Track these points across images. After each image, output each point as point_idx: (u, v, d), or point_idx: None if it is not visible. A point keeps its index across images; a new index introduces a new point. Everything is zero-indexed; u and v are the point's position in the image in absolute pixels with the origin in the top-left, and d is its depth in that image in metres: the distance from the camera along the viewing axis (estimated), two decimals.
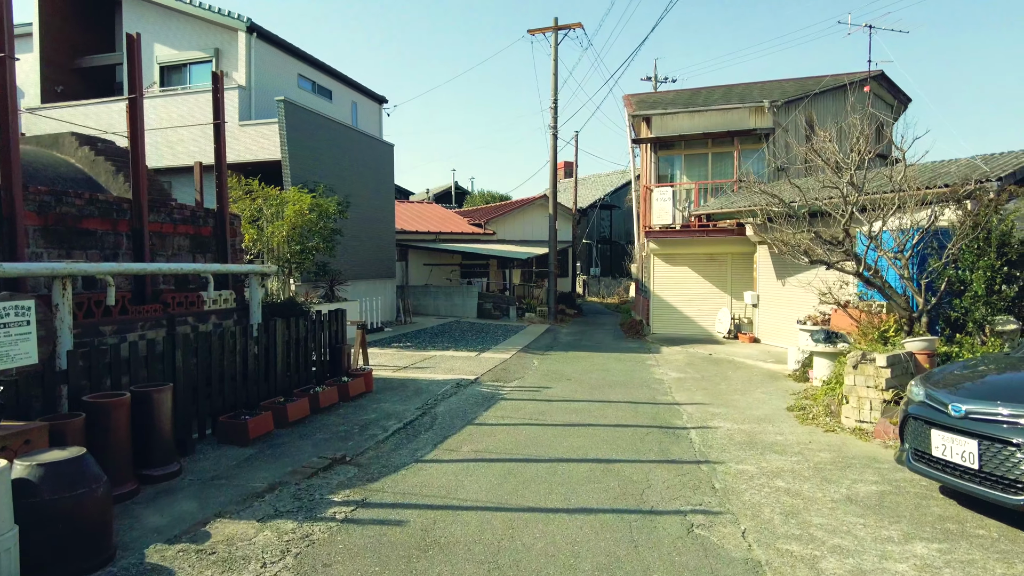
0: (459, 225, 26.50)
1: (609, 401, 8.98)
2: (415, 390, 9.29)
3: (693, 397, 9.42)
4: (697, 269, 17.28)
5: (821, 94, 16.83)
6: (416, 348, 13.83)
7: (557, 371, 11.54)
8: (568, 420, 7.77)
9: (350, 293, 17.07)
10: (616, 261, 38.93)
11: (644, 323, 18.54)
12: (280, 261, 14.34)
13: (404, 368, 11.21)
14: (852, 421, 7.28)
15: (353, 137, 18.17)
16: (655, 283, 17.68)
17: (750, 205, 13.38)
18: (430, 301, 22.39)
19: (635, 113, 18.08)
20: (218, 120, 9.12)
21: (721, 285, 17.09)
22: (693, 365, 12.56)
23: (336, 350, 9.20)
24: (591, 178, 44.83)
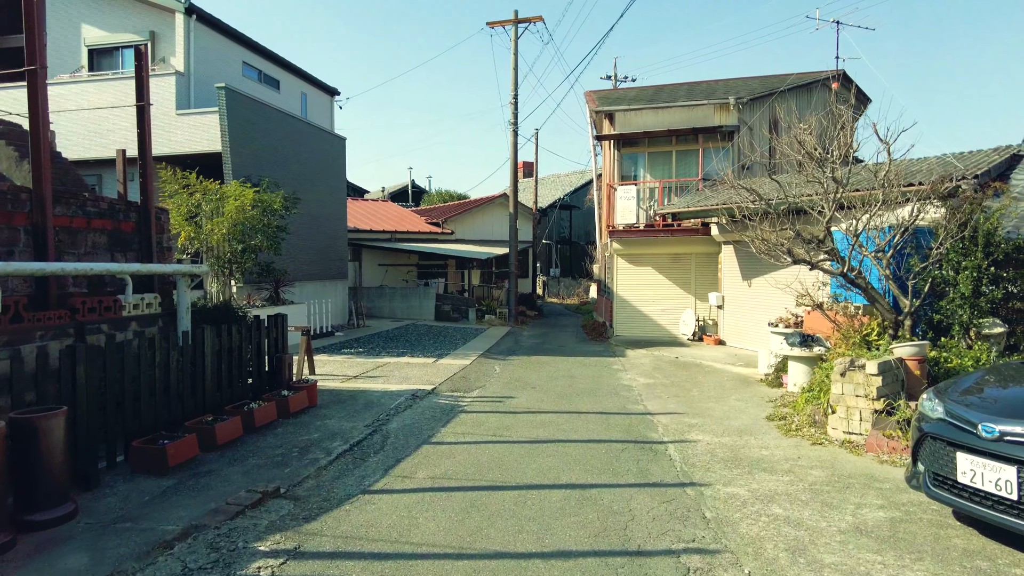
0: (416, 224, 25.56)
1: (578, 412, 8.30)
2: (365, 403, 8.43)
3: (666, 406, 8.84)
4: (661, 270, 16.84)
5: (786, 93, 16.59)
6: (369, 354, 12.92)
7: (521, 378, 10.82)
8: (535, 435, 7.06)
9: (298, 295, 16.01)
10: (576, 262, 38.54)
11: (607, 325, 18.01)
12: (220, 261, 13.24)
13: (354, 378, 10.32)
14: (840, 432, 6.78)
15: (302, 129, 17.11)
16: (618, 284, 17.16)
17: (722, 203, 12.93)
18: (385, 303, 21.42)
19: (598, 109, 17.54)
20: (141, 102, 8.12)
21: (685, 286, 16.69)
22: (661, 370, 12.03)
23: (276, 360, 8.28)
24: (550, 178, 44.37)
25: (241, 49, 17.40)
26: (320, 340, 15.10)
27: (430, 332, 17.28)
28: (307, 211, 16.79)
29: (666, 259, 16.79)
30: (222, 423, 6.43)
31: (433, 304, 21.09)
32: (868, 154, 13.00)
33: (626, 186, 16.44)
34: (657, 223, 16.11)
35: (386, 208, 27.37)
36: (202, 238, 12.99)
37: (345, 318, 18.72)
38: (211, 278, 13.56)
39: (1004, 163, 9.93)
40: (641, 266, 16.99)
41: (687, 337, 16.08)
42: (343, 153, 19.25)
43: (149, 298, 7.48)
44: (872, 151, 21.27)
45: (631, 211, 16.12)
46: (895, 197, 7.64)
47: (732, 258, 15.13)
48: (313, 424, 7.34)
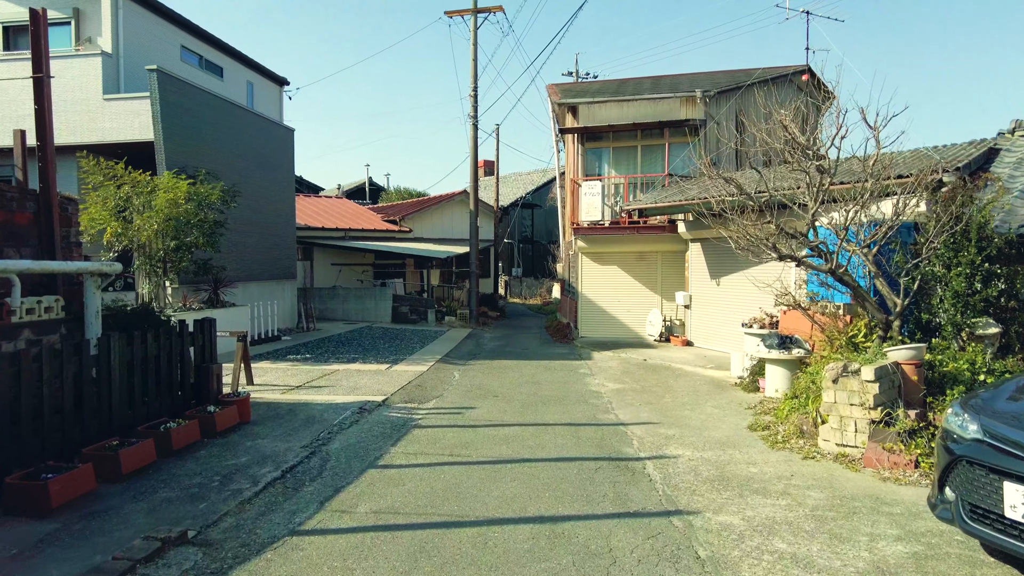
0: (372, 222, 24.48)
1: (545, 424, 7.54)
2: (306, 419, 7.49)
3: (639, 414, 8.15)
4: (627, 269, 16.25)
5: (753, 87, 16.18)
6: (316, 361, 11.93)
7: (482, 385, 10.01)
8: (498, 454, 6.26)
9: (240, 297, 14.86)
10: (538, 261, 37.90)
11: (572, 326, 17.34)
12: (152, 260, 12.06)
13: (297, 388, 9.34)
14: (833, 445, 6.18)
15: (246, 119, 15.94)
16: (583, 283, 16.50)
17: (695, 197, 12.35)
18: (338, 305, 20.32)
19: (561, 101, 16.86)
20: (39, 73, 7.03)
21: (651, 286, 16.13)
22: (630, 374, 11.38)
23: (203, 371, 7.27)
24: (512, 176, 43.66)
25: (179, 32, 16.12)
26: (264, 345, 14.01)
27: (385, 335, 16.32)
28: (251, 206, 15.64)
29: (632, 258, 16.20)
30: (129, 448, 5.44)
31: (390, 305, 20.09)
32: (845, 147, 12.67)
33: (591, 182, 15.79)
34: (623, 220, 15.50)
35: (340, 205, 26.20)
36: (130, 235, 11.80)
37: (294, 321, 17.59)
38: (143, 279, 12.36)
39: (982, 156, 9.58)
40: (606, 265, 16.36)
41: (654, 338, 15.51)
42: (291, 145, 18.11)
43: (48, 301, 6.40)
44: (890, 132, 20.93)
45: (596, 208, 15.47)
46: (885, 188, 7.11)
47: (699, 256, 14.62)
48: (243, 445, 6.39)
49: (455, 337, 16.64)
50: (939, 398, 6.17)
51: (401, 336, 16.22)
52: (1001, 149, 9.99)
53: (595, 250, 16.26)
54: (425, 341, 15.45)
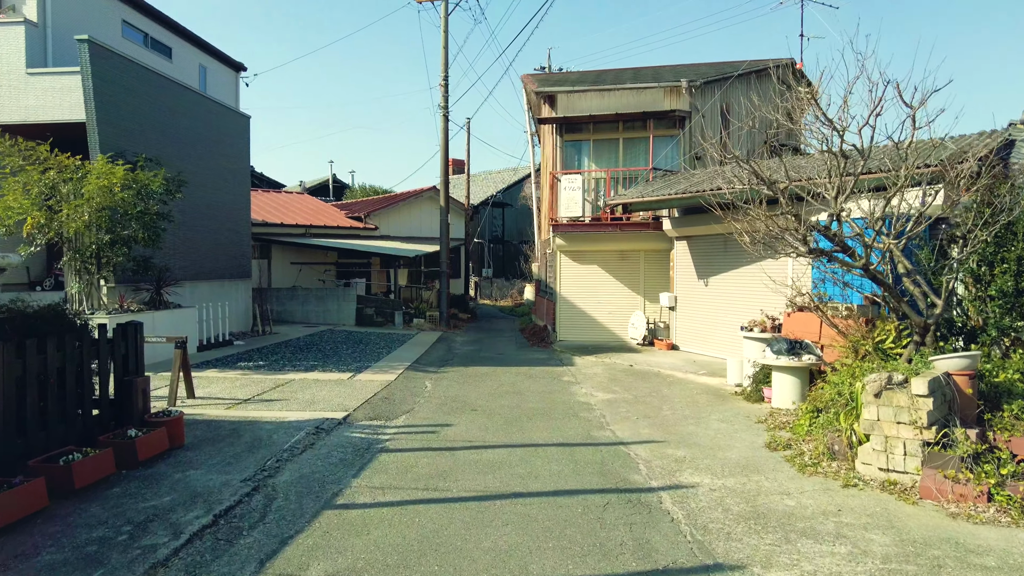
0: (335, 218, 23.14)
1: (534, 444, 6.50)
2: (252, 441, 6.30)
3: (638, 430, 7.18)
4: (608, 269, 15.33)
5: (737, 80, 15.45)
6: (270, 369, 10.67)
7: (458, 397, 8.92)
8: (484, 487, 5.19)
9: (188, 297, 13.48)
10: (509, 262, 36.91)
11: (549, 329, 16.35)
12: (82, 255, 10.66)
13: (245, 402, 8.11)
14: (875, 470, 5.28)
15: (197, 103, 14.53)
16: (562, 284, 15.53)
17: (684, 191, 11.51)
18: (297, 306, 18.96)
19: (539, 90, 15.86)
20: None
21: (634, 286, 15.24)
22: (618, 381, 10.42)
23: (126, 385, 6.03)
24: (482, 175, 42.58)
25: (121, 5, 14.65)
26: (214, 351, 12.65)
27: (349, 339, 15.07)
28: (202, 198, 14.25)
29: (613, 257, 15.29)
30: (7, 491, 4.21)
31: (354, 307, 18.81)
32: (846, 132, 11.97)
33: (571, 175, 14.83)
34: (604, 216, 14.58)
35: (301, 201, 24.77)
36: (56, 226, 10.39)
37: (248, 324, 16.20)
38: (72, 277, 10.92)
39: (1001, 148, 8.89)
40: (586, 264, 15.42)
41: (637, 342, 14.62)
42: (247, 133, 16.72)
43: None
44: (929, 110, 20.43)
45: (576, 203, 14.52)
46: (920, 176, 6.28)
47: (686, 255, 13.78)
48: (169, 478, 5.19)
49: (425, 341, 15.49)
50: (996, 414, 5.33)
51: (366, 340, 15.00)
52: (1016, 140, 9.34)
53: (575, 248, 15.31)
54: (392, 346, 14.27)
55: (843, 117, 6.43)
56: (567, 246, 15.24)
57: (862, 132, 6.01)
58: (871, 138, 6.03)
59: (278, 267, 20.81)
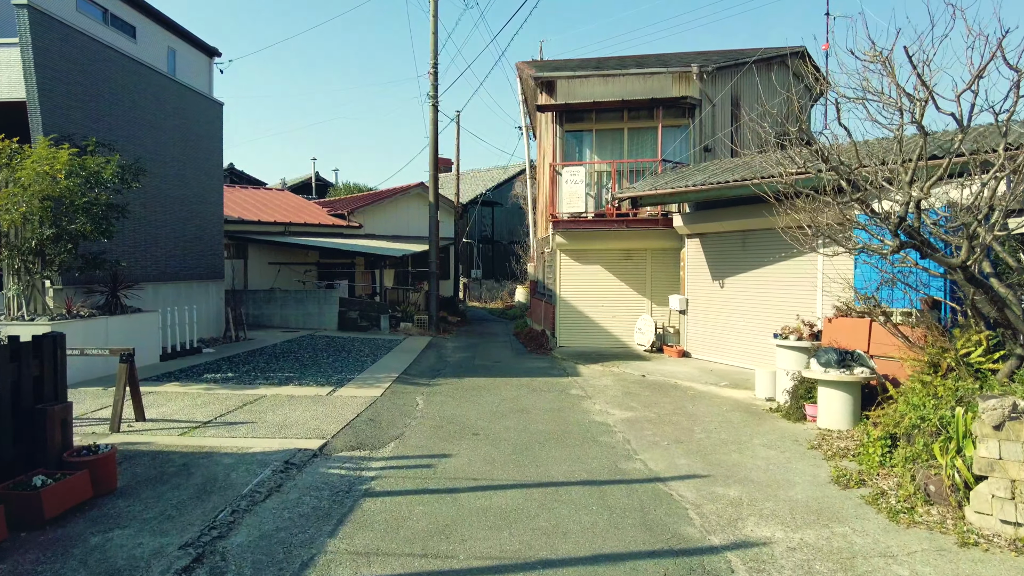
0: (316, 215, 21.80)
1: (554, 483, 5.31)
2: (204, 482, 5.05)
3: (674, 460, 6.02)
4: (612, 269, 14.19)
5: (748, 70, 14.40)
6: (239, 382, 9.39)
7: (455, 418, 7.70)
8: (499, 551, 4.00)
9: (150, 300, 12.14)
10: (499, 262, 35.73)
11: (548, 334, 15.17)
12: (20, 251, 9.31)
13: (204, 425, 6.84)
14: (996, 522, 4.16)
15: (162, 86, 13.18)
16: (562, 285, 14.36)
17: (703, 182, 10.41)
18: (275, 310, 17.62)
19: (537, 75, 14.69)
20: None
21: (640, 288, 14.11)
22: (633, 395, 9.27)
23: (38, 416, 4.74)
24: (470, 173, 41.33)
25: None
26: (179, 360, 11.34)
27: (331, 346, 13.79)
28: (167, 191, 12.91)
29: (618, 256, 14.15)
30: None
31: (336, 310, 17.52)
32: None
33: (573, 167, 13.66)
34: (609, 211, 13.44)
35: (280, 198, 23.39)
36: None
37: (221, 329, 14.86)
38: (10, 277, 9.56)
39: None
40: (588, 264, 14.27)
41: (644, 348, 13.49)
42: (219, 121, 15.38)
43: None
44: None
45: (579, 197, 13.36)
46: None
47: (698, 254, 12.68)
48: (82, 544, 3.93)
49: (414, 348, 14.24)
50: None
51: (349, 347, 13.72)
52: None
53: (576, 247, 14.14)
54: (378, 353, 13.01)
55: (919, 87, 5.31)
56: (568, 244, 14.07)
57: (961, 99, 4.88)
58: (971, 107, 4.90)
59: (255, 268, 19.46)
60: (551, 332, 14.81)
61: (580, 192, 13.30)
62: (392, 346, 14.30)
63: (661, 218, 13.18)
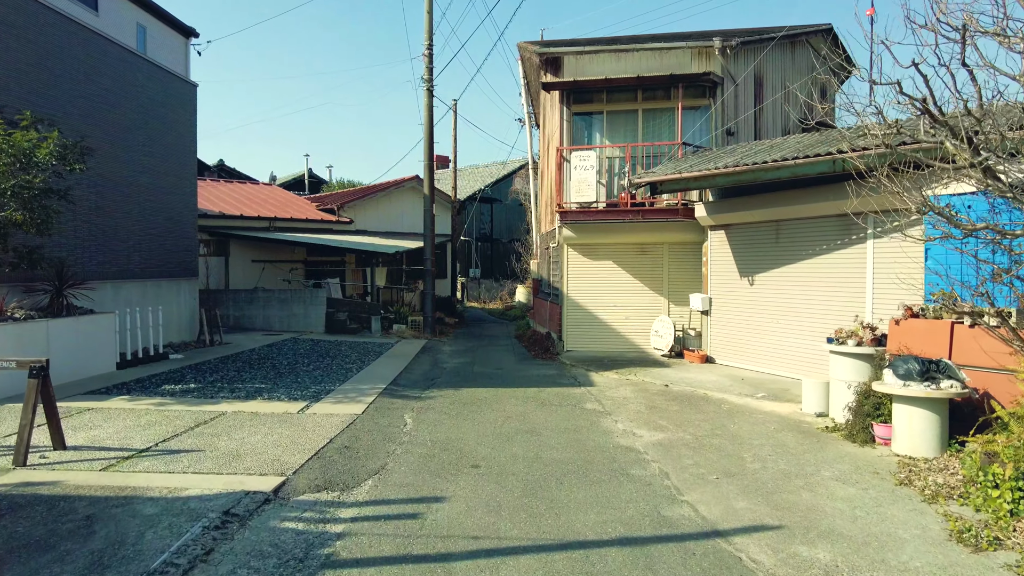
0: (304, 210, 20.44)
1: (582, 543, 3.97)
2: (101, 550, 3.69)
3: (730, 503, 4.68)
4: (625, 265, 12.85)
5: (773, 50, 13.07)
6: (200, 395, 8.03)
7: (450, 442, 6.35)
8: None
9: (109, 300, 10.78)
10: (498, 261, 34.42)
11: (554, 337, 13.83)
12: None
13: (138, 455, 5.48)
14: None
15: (123, 60, 11.81)
16: (569, 284, 13.02)
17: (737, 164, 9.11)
18: (258, 311, 16.26)
19: (542, 51, 13.35)
20: None
21: (656, 286, 12.78)
22: (660, 410, 7.93)
23: None
24: (468, 169, 40.00)
25: None
26: (139, 368, 9.98)
27: (313, 351, 12.44)
28: (128, 177, 11.55)
29: (631, 251, 12.82)
30: None
31: (323, 312, 16.16)
32: None
33: (582, 152, 12.33)
34: (623, 200, 12.10)
35: (266, 192, 22.02)
36: None
37: (194, 332, 13.49)
38: None
39: None
40: (599, 260, 12.93)
41: (662, 353, 12.15)
42: (193, 104, 14.02)
43: None
44: None
45: (589, 185, 12.02)
46: None
47: (724, 247, 11.35)
48: None
49: (406, 353, 12.90)
50: None
51: (335, 352, 12.38)
52: None
53: (585, 241, 12.81)
54: (366, 359, 11.66)
55: None
56: (576, 238, 12.73)
57: None
58: None
59: (237, 266, 18.10)
60: (557, 335, 13.46)
61: (590, 179, 11.96)
62: (383, 351, 12.95)
63: (681, 208, 11.85)
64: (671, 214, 11.88)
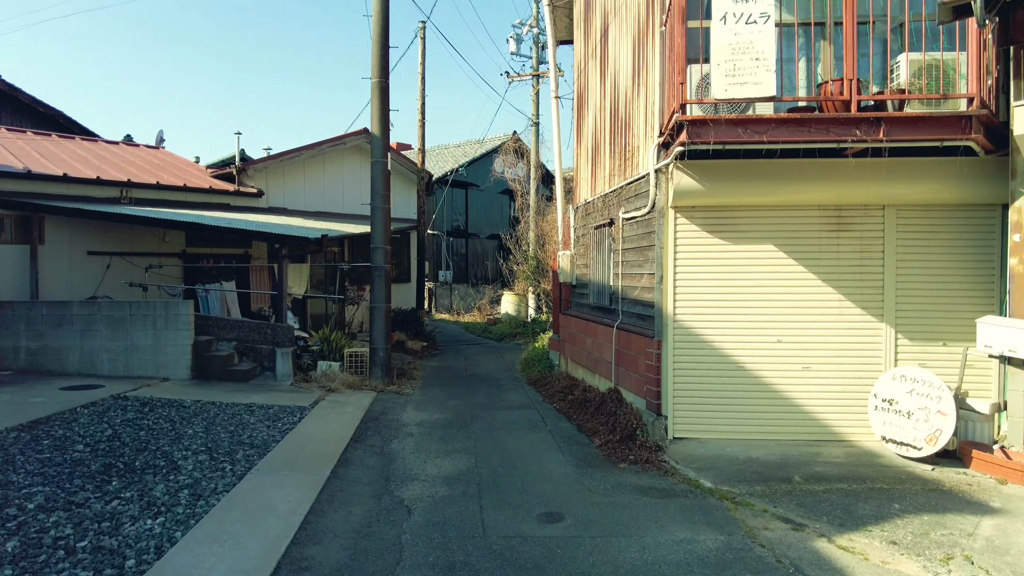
0: (184, 175, 13.04)
1: None
2: None
3: None
4: (799, 252, 6.02)
5: None
6: None
7: None
8: None
9: None
10: (476, 261, 27.38)
11: (634, 404, 6.83)
12: None
13: None
14: None
15: None
16: (678, 293, 6.10)
17: None
18: (73, 340, 8.94)
19: None
20: None
21: (868, 299, 5.97)
22: None
23: None
24: (436, 149, 32.78)
25: None
26: None
27: (107, 453, 5.17)
28: None
29: (815, 221, 6.00)
30: None
31: (188, 341, 8.91)
32: None
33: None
34: (825, 101, 5.19)
35: (128, 153, 14.44)
36: None
37: None
38: None
39: None
40: (742, 241, 6.05)
41: (911, 448, 5.32)
42: None
43: None
44: None
45: (760, 60, 5.07)
46: None
47: None
48: None
49: (321, 446, 5.77)
50: None
51: (160, 451, 5.16)
52: None
53: (717, 201, 5.92)
54: (207, 485, 4.48)
55: None
56: (700, 193, 5.80)
57: None
58: None
59: (59, 260, 10.62)
60: (646, 399, 6.46)
61: (763, 46, 5.02)
62: (272, 440, 5.83)
63: (976, 118, 4.99)
64: (944, 126, 5.03)
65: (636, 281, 6.84)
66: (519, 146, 26.24)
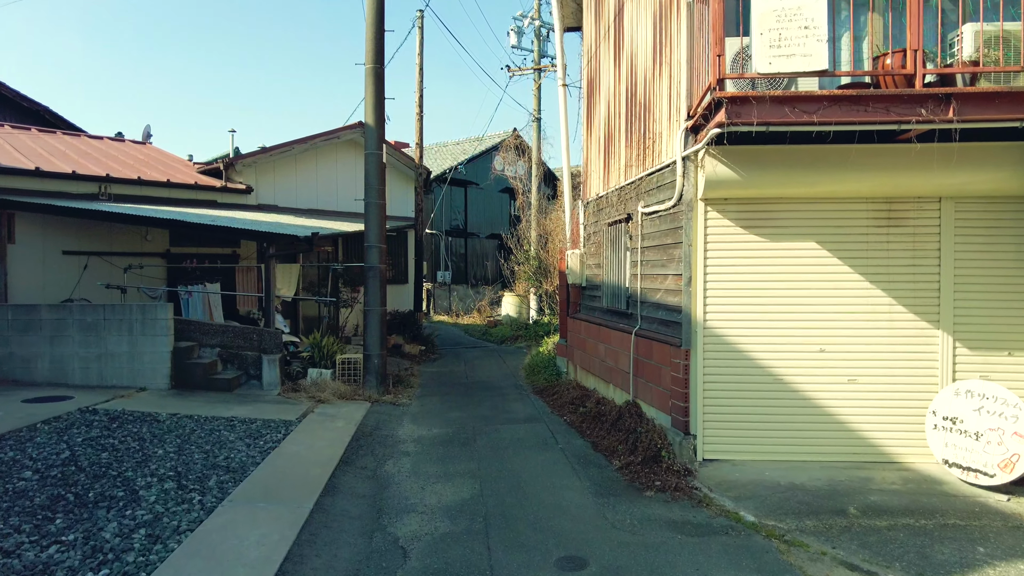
0: (168, 170, 12.34)
1: None
2: None
3: None
4: (844, 250, 5.34)
5: None
6: None
7: None
8: None
9: None
10: (475, 262, 26.72)
11: (657, 422, 6.16)
12: None
13: None
14: None
15: None
16: (709, 296, 5.43)
17: None
18: (42, 347, 8.25)
19: None
20: None
21: (923, 303, 5.29)
22: None
23: None
24: (435, 147, 32.10)
25: None
26: None
27: (60, 480, 4.47)
28: None
29: (862, 216, 5.32)
30: None
31: (167, 347, 8.23)
32: None
33: None
34: (883, 75, 4.53)
35: (112, 148, 13.77)
36: None
37: None
38: None
39: None
40: (781, 238, 5.38)
41: (981, 475, 4.65)
42: None
43: None
44: None
45: (811, 28, 4.39)
46: None
47: None
48: None
49: (307, 464, 5.08)
50: None
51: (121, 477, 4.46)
52: None
53: (754, 192, 5.25)
54: (181, 507, 3.77)
55: None
56: (737, 183, 5.13)
57: None
58: None
59: (32, 259, 9.91)
60: (672, 415, 5.78)
61: (813, 14, 4.34)
62: (251, 463, 5.14)
63: None
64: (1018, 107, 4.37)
65: (659, 283, 6.15)
66: (520, 143, 25.56)
